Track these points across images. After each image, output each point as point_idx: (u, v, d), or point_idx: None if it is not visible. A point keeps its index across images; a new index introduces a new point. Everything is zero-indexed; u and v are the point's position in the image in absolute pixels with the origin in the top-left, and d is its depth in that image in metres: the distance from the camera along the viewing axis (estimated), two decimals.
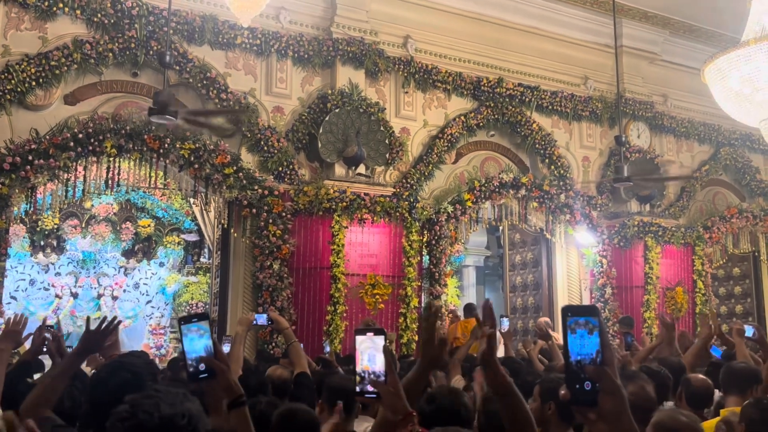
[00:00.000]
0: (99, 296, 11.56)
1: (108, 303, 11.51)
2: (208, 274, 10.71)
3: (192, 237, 11.59)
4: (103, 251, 11.50)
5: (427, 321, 1.99)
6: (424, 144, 8.93)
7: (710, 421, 3.17)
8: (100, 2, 7.19)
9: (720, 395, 3.69)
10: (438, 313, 1.95)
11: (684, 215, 10.66)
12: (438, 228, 8.47)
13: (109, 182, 7.10)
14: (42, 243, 10.94)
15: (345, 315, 7.55)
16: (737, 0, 7.09)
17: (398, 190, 8.29)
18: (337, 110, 8.01)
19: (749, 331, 4.52)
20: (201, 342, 1.93)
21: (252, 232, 7.59)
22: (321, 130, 7.90)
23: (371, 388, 1.73)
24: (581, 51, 10.19)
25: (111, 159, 7.00)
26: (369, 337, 1.75)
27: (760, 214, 11.14)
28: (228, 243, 7.87)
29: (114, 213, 11.09)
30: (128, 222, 11.22)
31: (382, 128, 8.28)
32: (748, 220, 11.03)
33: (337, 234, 7.64)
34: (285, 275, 7.48)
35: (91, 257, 11.57)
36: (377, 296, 7.81)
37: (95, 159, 6.95)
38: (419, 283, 8.18)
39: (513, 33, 9.67)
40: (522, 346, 7.85)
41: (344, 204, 7.66)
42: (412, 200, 8.23)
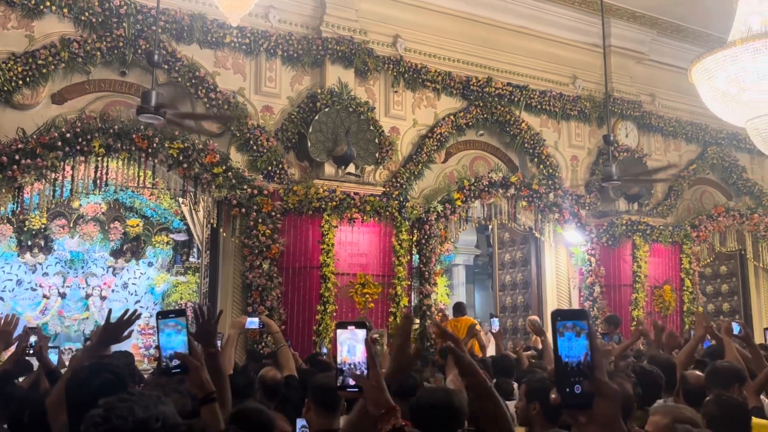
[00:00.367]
0: (87, 296, 11.49)
1: (96, 303, 11.44)
2: (197, 274, 10.69)
3: (181, 237, 11.54)
4: (92, 251, 11.43)
5: (403, 328, 1.97)
6: (414, 143, 8.93)
7: None
8: (88, 1, 7.13)
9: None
10: (412, 323, 1.92)
11: (672, 214, 10.72)
12: (428, 227, 8.48)
13: (98, 182, 7.05)
14: (29, 243, 10.86)
15: (335, 315, 7.55)
16: (724, 0, 7.13)
17: (388, 190, 8.29)
18: (327, 109, 7.99)
19: (735, 329, 4.62)
20: (177, 338, 1.94)
21: (241, 232, 7.57)
22: (310, 130, 7.89)
23: (353, 382, 1.71)
24: (570, 50, 10.23)
25: (99, 158, 6.95)
26: (350, 330, 1.74)
27: (747, 213, 11.24)
28: (217, 242, 7.86)
29: (102, 212, 11.02)
30: (117, 221, 11.16)
31: (372, 127, 8.28)
32: (735, 219, 11.12)
33: (327, 233, 7.63)
34: (274, 275, 7.47)
35: (79, 257, 11.50)
36: (367, 295, 7.82)
37: (83, 158, 6.90)
38: (409, 282, 8.18)
39: (502, 33, 9.69)
40: (512, 345, 7.90)
41: (334, 203, 7.66)
42: (402, 199, 8.23)
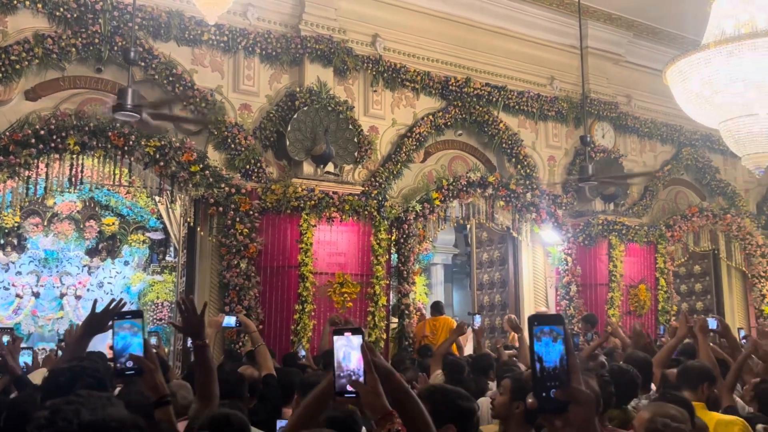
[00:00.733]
0: (62, 295, 11.35)
1: (71, 302, 11.30)
2: (174, 273, 10.59)
3: (157, 235, 11.44)
4: (66, 250, 11.29)
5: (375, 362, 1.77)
6: (393, 143, 8.94)
7: None
8: None
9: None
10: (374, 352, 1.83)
11: (647, 214, 10.86)
12: (406, 226, 8.50)
13: (73, 180, 6.95)
14: (2, 241, 10.70)
15: (313, 314, 7.54)
16: (699, 4, 7.23)
17: (367, 189, 8.29)
18: (306, 108, 7.97)
19: (712, 324, 4.64)
20: (133, 340, 1.94)
21: (219, 231, 7.52)
22: (289, 128, 7.86)
23: (350, 388, 1.72)
24: (547, 51, 10.31)
25: (74, 156, 6.86)
26: (346, 337, 1.75)
27: (720, 213, 11.44)
28: (194, 241, 7.79)
29: (77, 211, 10.89)
30: (92, 220, 11.03)
31: (351, 127, 8.27)
32: (708, 219, 11.31)
33: (305, 232, 7.61)
34: (252, 274, 7.43)
35: (54, 256, 11.35)
36: (345, 295, 7.81)
37: (58, 156, 6.80)
38: (388, 282, 8.19)
39: (481, 33, 9.74)
40: (493, 343, 7.98)
41: (312, 202, 7.64)
42: (381, 199, 8.24)
